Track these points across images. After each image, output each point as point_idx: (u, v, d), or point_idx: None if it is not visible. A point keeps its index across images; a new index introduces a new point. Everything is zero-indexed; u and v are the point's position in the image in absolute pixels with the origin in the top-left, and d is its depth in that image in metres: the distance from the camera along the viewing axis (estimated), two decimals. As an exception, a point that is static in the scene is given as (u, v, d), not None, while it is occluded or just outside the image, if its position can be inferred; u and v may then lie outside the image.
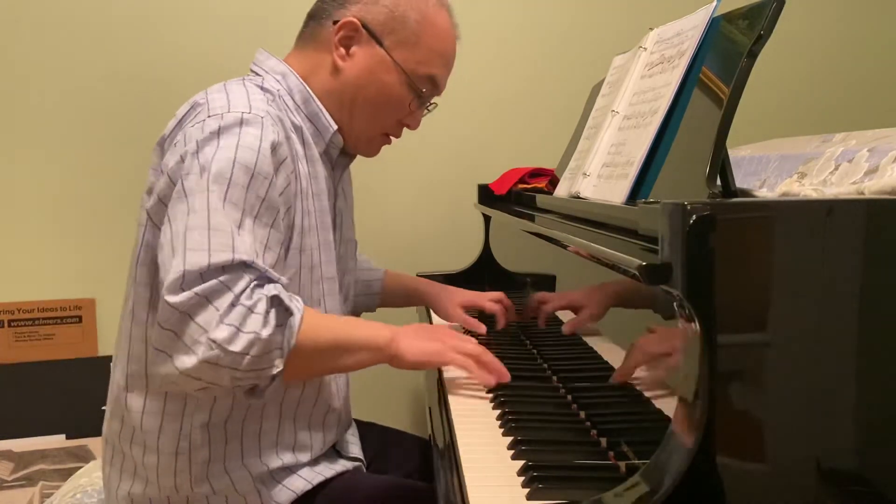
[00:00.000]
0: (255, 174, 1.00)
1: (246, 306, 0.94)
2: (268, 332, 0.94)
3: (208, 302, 0.92)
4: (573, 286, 1.25)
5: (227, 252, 0.94)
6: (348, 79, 1.17)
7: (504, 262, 1.88)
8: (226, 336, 0.92)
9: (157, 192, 1.04)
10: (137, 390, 1.10)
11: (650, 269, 0.72)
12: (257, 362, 0.95)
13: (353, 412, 1.48)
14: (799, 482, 0.72)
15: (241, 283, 0.94)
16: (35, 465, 1.99)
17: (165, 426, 1.09)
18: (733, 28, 0.98)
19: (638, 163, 1.06)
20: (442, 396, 1.19)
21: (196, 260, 0.93)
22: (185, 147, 1.01)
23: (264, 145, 1.02)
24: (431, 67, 1.21)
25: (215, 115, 1.03)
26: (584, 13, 2.26)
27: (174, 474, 1.10)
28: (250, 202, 0.99)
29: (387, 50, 1.17)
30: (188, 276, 0.92)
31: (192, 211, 0.96)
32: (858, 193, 0.93)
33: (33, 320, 2.06)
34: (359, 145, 1.25)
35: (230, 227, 0.96)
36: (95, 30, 2.06)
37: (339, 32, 1.16)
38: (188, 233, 0.94)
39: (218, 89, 1.10)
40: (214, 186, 0.97)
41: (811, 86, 2.33)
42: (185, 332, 0.92)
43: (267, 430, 1.13)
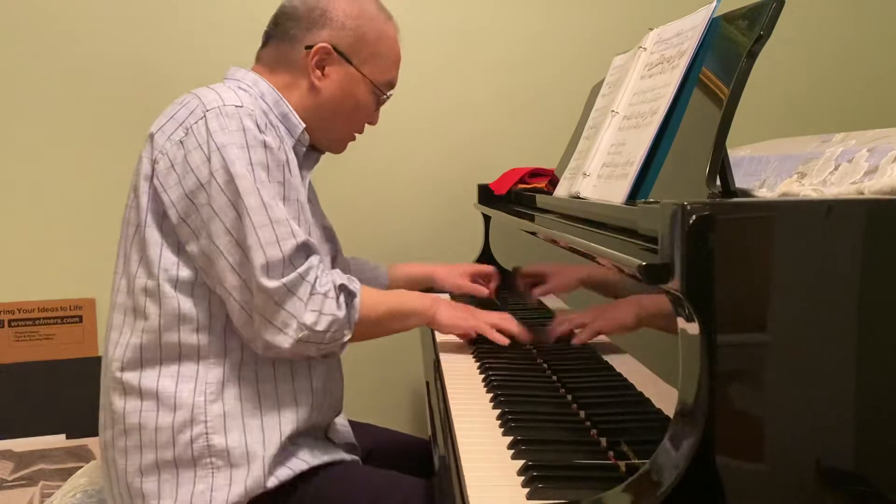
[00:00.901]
0: (270, 166, 1.15)
1: (321, 293, 1.15)
2: (342, 312, 1.17)
3: (292, 293, 1.12)
4: (573, 286, 1.25)
5: (292, 238, 1.13)
6: (326, 96, 1.32)
7: (504, 262, 1.88)
8: (313, 320, 1.14)
9: (182, 189, 1.14)
10: (150, 362, 1.17)
11: (650, 268, 0.72)
12: (335, 336, 1.17)
13: (353, 413, 1.49)
14: (799, 482, 0.72)
15: (312, 273, 1.15)
16: (35, 465, 1.99)
17: (181, 386, 1.16)
18: (733, 28, 0.98)
19: (638, 163, 1.06)
20: (442, 397, 1.19)
21: (273, 252, 1.12)
22: (202, 146, 1.13)
23: (266, 137, 1.16)
24: (390, 73, 1.38)
25: (213, 109, 1.15)
26: (584, 13, 2.26)
27: (191, 425, 1.15)
28: (277, 190, 1.16)
29: (356, 67, 1.32)
30: (273, 266, 1.11)
31: (250, 209, 1.12)
32: (858, 193, 0.93)
33: (33, 320, 2.06)
34: (331, 145, 1.40)
35: (285, 217, 1.13)
36: (96, 30, 2.06)
37: (314, 57, 1.29)
38: (257, 230, 1.12)
39: (204, 88, 1.21)
40: (254, 186, 1.12)
41: (811, 86, 2.33)
42: (277, 318, 1.12)
43: (283, 393, 1.21)
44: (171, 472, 1.15)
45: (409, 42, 2.21)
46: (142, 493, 1.15)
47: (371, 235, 2.20)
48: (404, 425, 2.21)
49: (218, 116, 1.14)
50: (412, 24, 2.20)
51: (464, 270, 1.72)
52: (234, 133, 1.13)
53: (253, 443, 1.16)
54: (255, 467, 1.15)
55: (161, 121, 1.19)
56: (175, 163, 1.14)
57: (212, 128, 1.13)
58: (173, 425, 1.15)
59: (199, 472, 1.15)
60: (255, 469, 1.15)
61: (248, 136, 1.14)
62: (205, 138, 1.13)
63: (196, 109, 1.16)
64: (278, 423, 1.19)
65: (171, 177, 1.15)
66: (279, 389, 1.20)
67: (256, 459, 1.16)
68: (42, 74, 2.05)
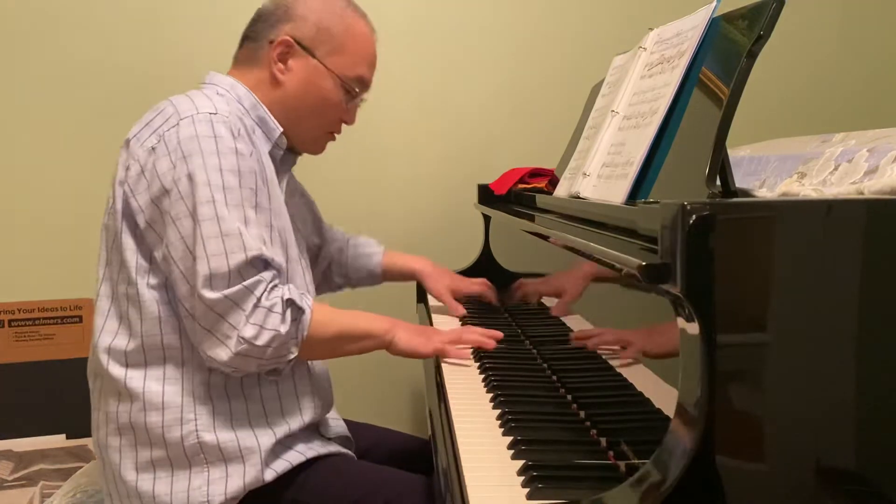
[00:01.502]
0: (241, 172, 1.15)
1: (266, 307, 1.13)
2: (285, 328, 1.14)
3: (236, 305, 1.11)
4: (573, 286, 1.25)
5: (241, 252, 1.11)
6: (290, 89, 1.32)
7: (504, 262, 1.88)
8: (252, 334, 1.11)
9: (149, 196, 1.16)
10: (136, 364, 1.18)
11: (650, 268, 0.72)
12: (277, 352, 1.15)
13: (352, 413, 1.49)
14: (799, 482, 0.72)
15: (260, 287, 1.13)
16: (35, 465, 1.99)
17: (168, 388, 1.18)
18: (733, 28, 0.98)
19: (638, 163, 1.06)
20: (442, 397, 1.19)
21: (218, 264, 1.10)
22: (170, 154, 1.14)
23: (238, 144, 1.16)
24: (358, 69, 1.36)
25: (187, 118, 1.16)
26: (584, 13, 2.26)
27: (181, 424, 1.16)
28: (247, 197, 1.15)
29: (319, 59, 1.31)
30: (216, 278, 1.10)
31: (202, 219, 1.11)
32: (858, 193, 0.93)
33: (33, 320, 2.06)
34: (306, 145, 1.39)
35: (237, 229, 1.12)
36: (95, 29, 2.06)
37: (276, 50, 1.30)
38: (205, 241, 1.11)
39: (180, 96, 1.22)
40: (216, 195, 1.12)
41: (811, 86, 2.33)
42: (219, 330, 1.11)
43: (268, 397, 1.22)
44: (165, 470, 1.16)
45: (409, 42, 2.22)
46: (137, 491, 1.16)
47: (371, 235, 2.19)
48: (404, 425, 2.20)
49: (191, 124, 1.15)
50: (412, 23, 2.21)
51: (448, 284, 1.70)
52: (205, 140, 1.14)
53: (246, 439, 1.17)
54: (251, 462, 1.16)
55: (137, 127, 1.21)
56: (145, 169, 1.16)
57: (182, 136, 1.14)
58: (163, 425, 1.16)
59: (195, 468, 1.16)
60: (252, 463, 1.16)
61: (220, 143, 1.14)
62: (174, 146, 1.14)
63: (171, 117, 1.17)
64: (268, 422, 1.20)
65: (141, 183, 1.16)
66: (264, 393, 1.21)
67: (252, 455, 1.17)
68: (43, 75, 2.05)
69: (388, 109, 2.20)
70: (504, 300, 1.74)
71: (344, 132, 1.44)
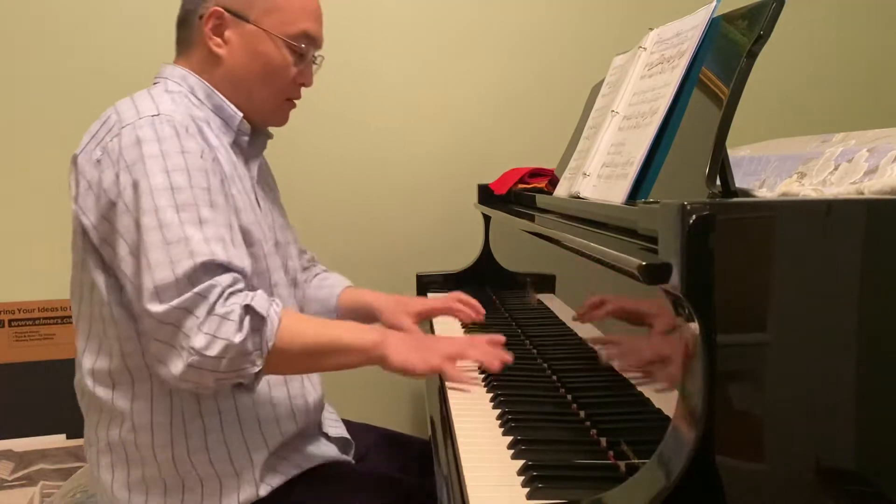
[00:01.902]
0: (189, 171, 1.07)
1: (220, 315, 1.02)
2: (240, 338, 1.02)
3: (188, 313, 1.02)
4: (573, 286, 1.25)
5: (188, 259, 1.03)
6: (232, 62, 1.23)
7: (504, 262, 1.88)
8: (203, 343, 1.01)
9: (98, 211, 1.11)
10: (122, 384, 1.14)
11: (650, 268, 0.72)
12: (234, 364, 1.03)
13: (352, 413, 1.48)
14: (799, 482, 0.72)
15: (214, 292, 1.03)
16: (35, 465, 1.99)
17: (157, 406, 1.13)
18: (733, 28, 0.98)
19: (638, 163, 1.06)
20: (442, 396, 1.19)
21: (162, 275, 1.02)
22: (114, 164, 1.08)
23: (184, 143, 1.09)
24: (300, 24, 1.25)
25: (128, 125, 1.09)
26: (584, 13, 2.26)
27: (171, 445, 1.12)
28: (199, 196, 1.07)
29: (255, 24, 1.22)
30: (162, 290, 1.02)
31: (146, 229, 1.04)
32: (858, 193, 0.93)
33: (33, 320, 2.06)
34: (267, 118, 1.30)
35: (183, 235, 1.04)
36: (94, 27, 2.06)
37: (208, 24, 1.22)
38: (149, 251, 1.03)
39: (125, 100, 1.16)
40: (160, 201, 1.05)
41: (811, 86, 2.33)
42: (174, 340, 1.02)
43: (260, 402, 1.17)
44: (158, 488, 1.14)
45: (409, 41, 2.22)
46: None
47: (371, 235, 2.20)
48: (404, 425, 2.20)
49: (132, 131, 1.09)
50: (413, 23, 2.21)
51: (408, 309, 1.46)
52: (147, 144, 1.07)
53: (238, 456, 1.15)
54: (246, 478, 1.14)
55: (83, 140, 1.16)
56: (92, 184, 1.11)
57: (124, 144, 1.08)
58: (153, 445, 1.13)
59: (188, 486, 1.13)
60: (246, 479, 1.14)
61: (164, 145, 1.08)
62: (117, 156, 1.08)
63: (113, 126, 1.11)
64: (262, 436, 1.17)
65: (89, 199, 1.12)
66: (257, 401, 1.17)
67: (245, 471, 1.14)
68: (43, 75, 2.05)
69: (388, 110, 2.20)
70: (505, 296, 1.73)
71: (344, 133, 1.43)
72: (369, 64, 2.18)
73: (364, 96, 2.18)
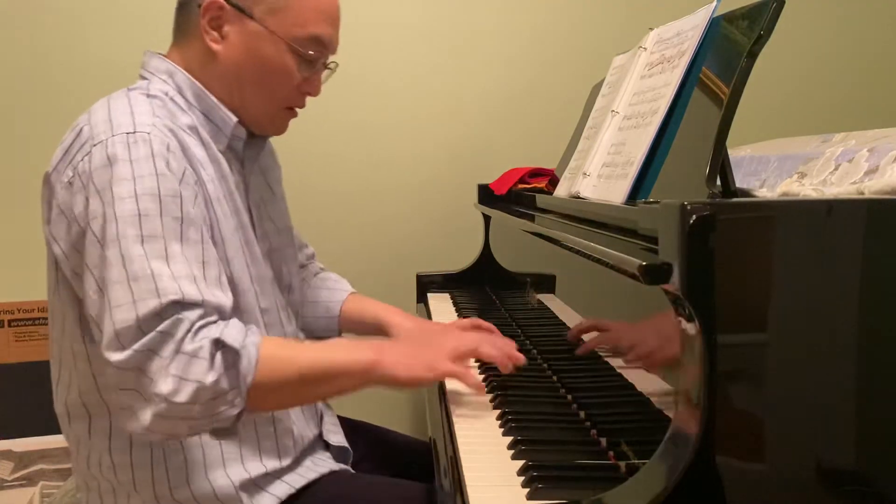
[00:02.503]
0: (162, 197, 0.96)
1: (188, 353, 0.90)
2: (212, 377, 0.91)
3: (153, 353, 0.90)
4: (573, 286, 1.25)
5: (154, 298, 0.91)
6: (228, 61, 1.11)
7: (504, 262, 1.88)
8: (171, 388, 0.89)
9: (70, 241, 1.00)
10: (98, 417, 1.07)
11: (650, 269, 0.72)
12: (209, 408, 0.92)
13: (351, 412, 1.48)
14: (799, 482, 0.72)
15: (181, 328, 0.91)
16: (35, 465, 1.99)
17: (135, 441, 1.06)
18: (733, 28, 0.98)
19: (638, 163, 1.06)
20: (442, 396, 1.19)
21: (123, 316, 0.90)
22: (84, 188, 0.97)
23: (159, 164, 0.97)
24: (311, 27, 1.12)
25: (100, 143, 0.98)
26: (584, 13, 2.26)
27: (152, 484, 1.06)
28: (169, 227, 0.95)
29: (258, 21, 1.09)
30: (122, 334, 0.90)
31: (109, 264, 0.93)
32: (858, 193, 0.93)
33: (33, 320, 2.06)
34: (263, 126, 1.18)
35: (149, 270, 0.92)
36: (94, 27, 2.06)
37: (205, 16, 1.09)
38: (110, 288, 0.92)
39: (100, 106, 1.05)
40: (127, 230, 0.93)
41: (811, 86, 2.33)
42: (141, 387, 0.91)
43: (246, 438, 1.11)
44: None
45: (409, 41, 2.22)
46: None
47: (371, 235, 2.20)
48: (404, 425, 2.20)
49: (102, 150, 0.97)
50: (413, 22, 2.21)
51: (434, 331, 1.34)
52: (118, 165, 0.96)
53: (223, 491, 1.07)
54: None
55: (56, 156, 1.04)
56: (64, 209, 1.00)
57: (94, 165, 0.97)
58: (134, 482, 1.07)
59: None
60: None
61: (137, 167, 0.96)
62: (87, 178, 0.97)
63: (85, 143, 1.00)
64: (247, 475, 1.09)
65: (62, 226, 1.00)
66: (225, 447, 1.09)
67: (232, 500, 1.08)
68: (43, 75, 2.05)
69: (388, 110, 2.20)
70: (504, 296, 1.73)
71: (345, 133, 1.41)
72: (369, 64, 2.18)
73: (364, 96, 2.18)
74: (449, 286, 1.98)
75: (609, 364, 1.02)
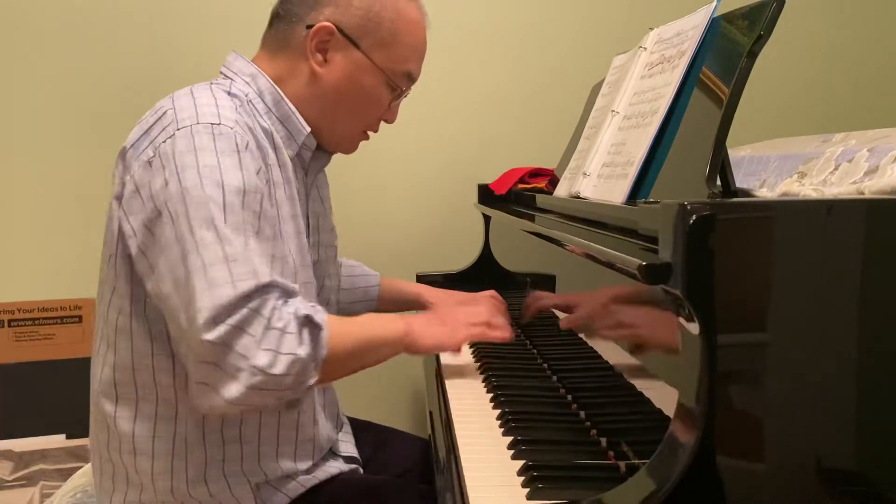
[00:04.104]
0: (245, 191, 1.00)
1: (279, 328, 0.96)
2: (304, 350, 0.98)
3: (243, 331, 0.94)
4: (573, 286, 1.25)
5: (251, 279, 0.95)
6: (328, 85, 1.17)
7: (504, 262, 1.88)
8: (267, 361, 0.94)
9: (142, 218, 1.02)
10: (126, 400, 1.09)
11: (650, 268, 0.72)
12: (298, 380, 0.98)
13: (351, 412, 1.48)
14: (799, 482, 0.72)
15: (268, 306, 0.96)
16: (35, 465, 1.99)
17: (159, 430, 1.08)
18: (733, 28, 0.98)
19: (638, 163, 1.06)
20: (442, 396, 1.19)
21: (223, 293, 0.94)
22: (164, 169, 1.00)
23: (244, 159, 1.01)
24: (408, 63, 1.20)
25: (185, 128, 1.01)
26: (583, 13, 2.26)
27: (171, 476, 1.08)
28: (249, 221, 0.99)
29: (365, 53, 1.16)
30: (219, 311, 0.93)
31: (202, 245, 0.95)
32: (858, 193, 0.93)
33: (33, 320, 2.06)
34: (341, 145, 1.25)
35: (245, 253, 0.97)
36: (93, 28, 2.06)
37: (314, 38, 1.15)
38: (208, 268, 0.94)
39: (184, 94, 1.08)
40: (216, 213, 0.97)
41: (811, 86, 2.33)
42: (226, 362, 0.94)
43: (266, 439, 1.12)
44: None
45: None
46: None
47: (370, 235, 2.20)
48: (404, 425, 2.20)
49: (188, 136, 1.00)
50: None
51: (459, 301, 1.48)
52: (203, 153, 0.99)
53: (237, 485, 1.10)
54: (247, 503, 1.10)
55: (135, 134, 1.07)
56: (140, 187, 1.02)
57: (178, 149, 1.00)
58: (152, 473, 1.08)
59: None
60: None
61: (222, 158, 1.00)
62: (169, 160, 0.99)
63: (168, 125, 1.03)
64: (263, 474, 1.12)
65: (136, 203, 1.02)
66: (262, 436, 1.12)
67: (246, 499, 1.10)
68: (42, 74, 2.05)
69: (388, 109, 2.20)
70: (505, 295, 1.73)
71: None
72: (369, 64, 2.18)
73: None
74: (449, 286, 1.98)
75: (609, 364, 1.02)
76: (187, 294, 0.95)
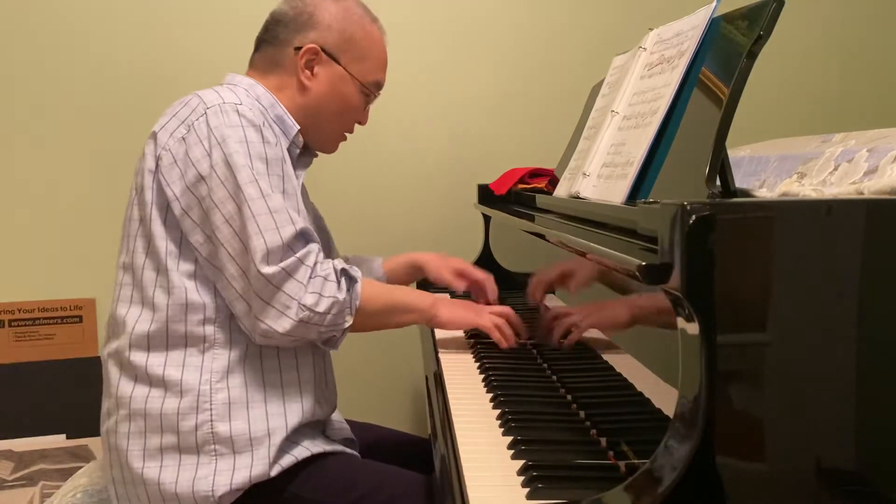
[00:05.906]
0: (269, 159, 1.20)
1: (322, 276, 1.18)
2: (342, 294, 1.20)
3: (291, 276, 1.15)
4: (573, 286, 1.25)
5: (290, 226, 1.17)
6: (315, 95, 1.37)
7: (504, 262, 1.88)
8: (313, 301, 1.16)
9: (184, 183, 1.20)
10: (159, 348, 1.21)
11: (650, 269, 0.72)
12: (336, 319, 1.20)
13: (353, 412, 1.49)
14: (798, 481, 0.72)
15: (311, 257, 1.18)
16: (35, 465, 1.99)
17: (186, 374, 1.19)
18: (733, 28, 0.98)
19: (637, 163, 1.06)
20: (442, 397, 1.19)
21: (273, 238, 1.15)
22: (202, 140, 1.19)
23: (265, 132, 1.22)
24: (377, 74, 1.43)
25: (214, 107, 1.21)
26: (584, 13, 2.26)
27: (196, 412, 1.18)
28: (275, 182, 1.20)
29: (344, 67, 1.38)
30: (272, 251, 1.15)
31: (252, 198, 1.16)
32: (858, 193, 0.93)
33: (33, 320, 2.06)
34: (325, 146, 1.46)
35: (282, 205, 1.17)
36: (93, 28, 2.06)
37: (303, 57, 1.35)
38: (258, 217, 1.16)
39: (206, 91, 1.26)
40: (259, 175, 1.17)
41: (811, 86, 2.33)
42: (279, 301, 1.15)
43: (288, 383, 1.24)
44: (173, 458, 1.17)
45: (409, 41, 2.22)
46: (143, 478, 1.17)
47: (370, 235, 2.20)
48: (404, 425, 2.21)
49: (218, 113, 1.19)
50: (412, 22, 2.21)
51: (453, 267, 1.64)
52: (233, 128, 1.19)
53: (257, 431, 1.19)
54: (259, 455, 1.17)
55: (164, 119, 1.24)
56: (177, 158, 1.20)
57: (212, 123, 1.19)
58: (178, 411, 1.17)
59: (202, 459, 1.17)
60: (259, 457, 1.17)
61: (248, 132, 1.19)
62: (206, 133, 1.19)
63: (197, 107, 1.21)
64: (283, 413, 1.22)
65: (175, 172, 1.20)
66: (284, 379, 1.23)
67: (261, 447, 1.18)
68: (43, 75, 2.05)
69: (388, 110, 2.20)
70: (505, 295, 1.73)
71: (344, 133, 1.45)
72: (369, 64, 2.18)
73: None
74: (449, 286, 1.98)
75: (609, 364, 1.02)
76: (245, 238, 1.16)
